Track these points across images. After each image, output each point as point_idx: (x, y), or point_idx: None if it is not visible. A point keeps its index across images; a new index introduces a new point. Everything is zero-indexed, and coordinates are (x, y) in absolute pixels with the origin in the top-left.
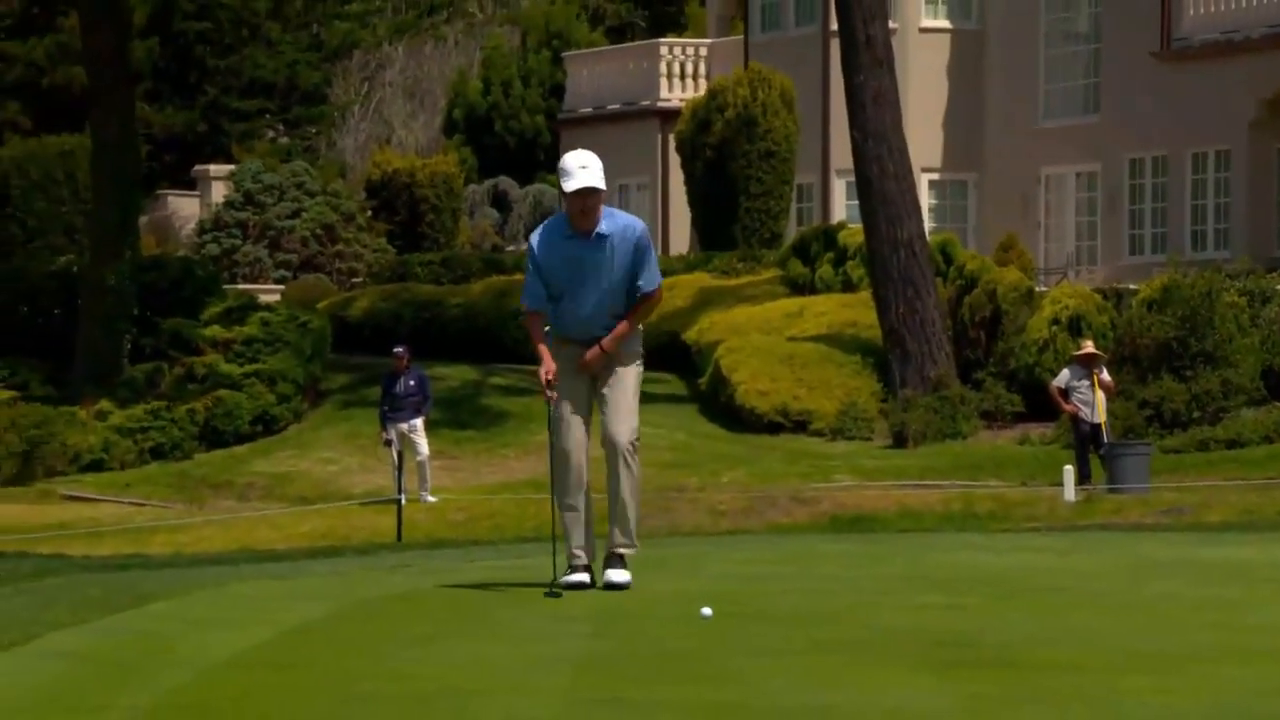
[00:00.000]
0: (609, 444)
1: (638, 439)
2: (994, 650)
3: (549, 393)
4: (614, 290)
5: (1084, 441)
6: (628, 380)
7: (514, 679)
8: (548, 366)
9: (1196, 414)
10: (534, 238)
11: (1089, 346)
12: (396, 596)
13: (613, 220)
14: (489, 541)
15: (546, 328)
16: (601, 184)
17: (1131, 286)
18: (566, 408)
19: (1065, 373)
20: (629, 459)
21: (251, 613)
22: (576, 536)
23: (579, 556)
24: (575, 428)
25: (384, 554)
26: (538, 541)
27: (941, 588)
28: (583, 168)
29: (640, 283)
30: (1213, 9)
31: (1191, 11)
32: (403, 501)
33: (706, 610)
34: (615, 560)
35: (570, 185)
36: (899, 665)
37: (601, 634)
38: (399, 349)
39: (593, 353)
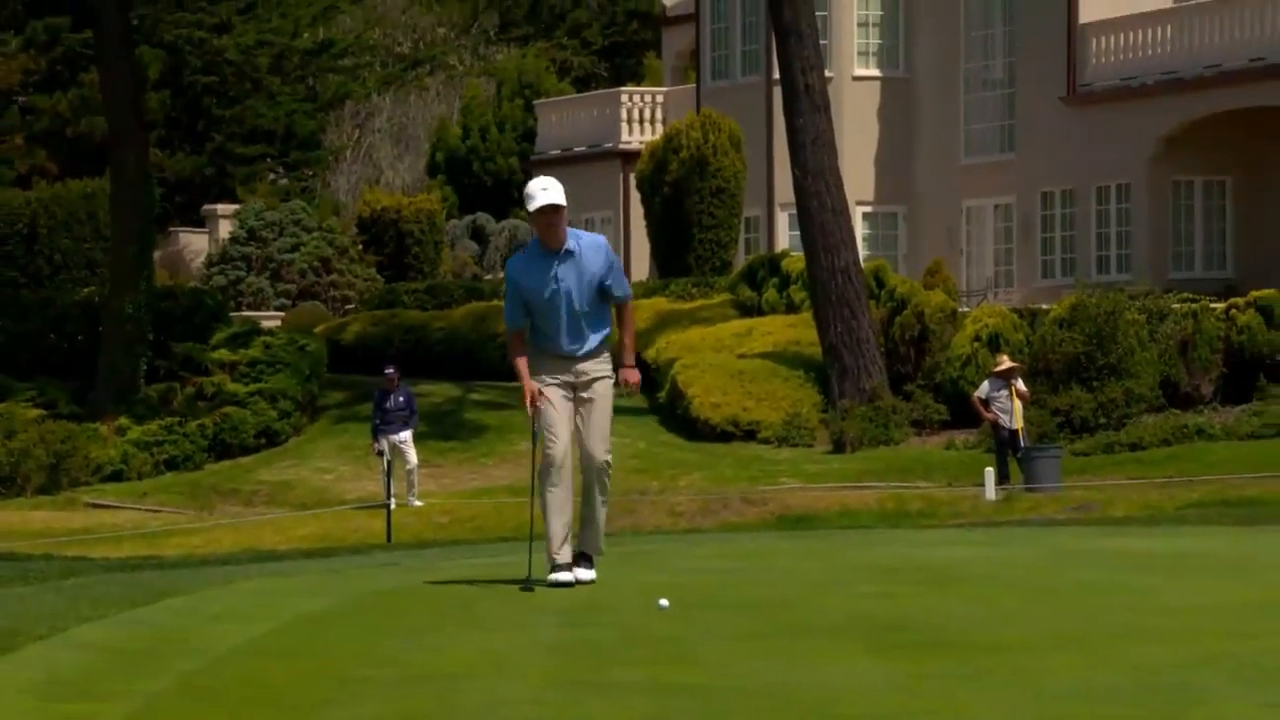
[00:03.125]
0: (588, 460)
1: (610, 456)
2: (929, 632)
3: (535, 407)
4: (587, 301)
5: (1003, 446)
6: (606, 401)
7: (496, 663)
8: (531, 388)
9: (1103, 420)
10: (511, 262)
11: (1006, 361)
12: (387, 591)
13: (578, 238)
14: (470, 542)
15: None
16: (562, 201)
17: (1044, 307)
18: (552, 415)
19: (985, 384)
20: (604, 476)
21: (256, 607)
22: (556, 537)
23: (560, 556)
24: (562, 431)
25: (375, 553)
26: (515, 541)
27: (880, 578)
28: (544, 189)
29: (615, 292)
30: (1113, 58)
31: (1094, 60)
32: (392, 506)
33: (663, 601)
34: (584, 560)
35: (534, 205)
36: (845, 648)
37: (575, 623)
38: (389, 369)
39: (634, 375)
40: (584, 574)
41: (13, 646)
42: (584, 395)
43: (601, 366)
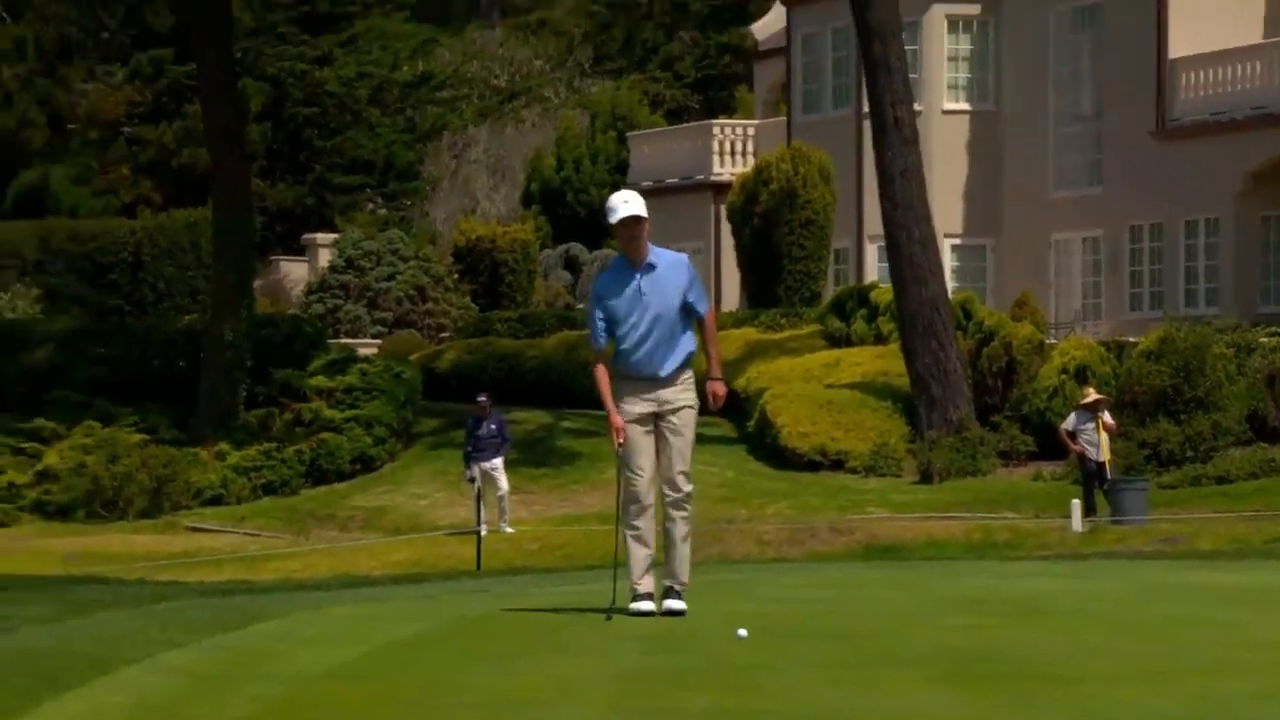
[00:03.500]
0: (670, 489)
1: (692, 487)
2: (1008, 664)
3: (619, 441)
4: (670, 317)
5: (1090, 478)
6: (689, 431)
7: (570, 691)
8: (617, 424)
9: (1190, 453)
10: (596, 281)
11: (1092, 394)
12: (474, 618)
13: (660, 255)
14: (559, 569)
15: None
16: (644, 212)
17: (1131, 339)
18: (635, 448)
19: (1073, 417)
20: (686, 504)
21: (344, 632)
22: (638, 566)
23: (641, 586)
24: (645, 461)
25: (464, 580)
26: (602, 569)
27: (966, 609)
28: (625, 202)
29: (697, 306)
30: (1202, 92)
31: (1183, 95)
32: (483, 532)
33: (742, 631)
34: (673, 593)
35: (615, 217)
36: (921, 677)
37: (654, 650)
38: (481, 397)
39: (720, 387)
40: (674, 604)
41: (104, 670)
42: (667, 426)
43: (685, 394)
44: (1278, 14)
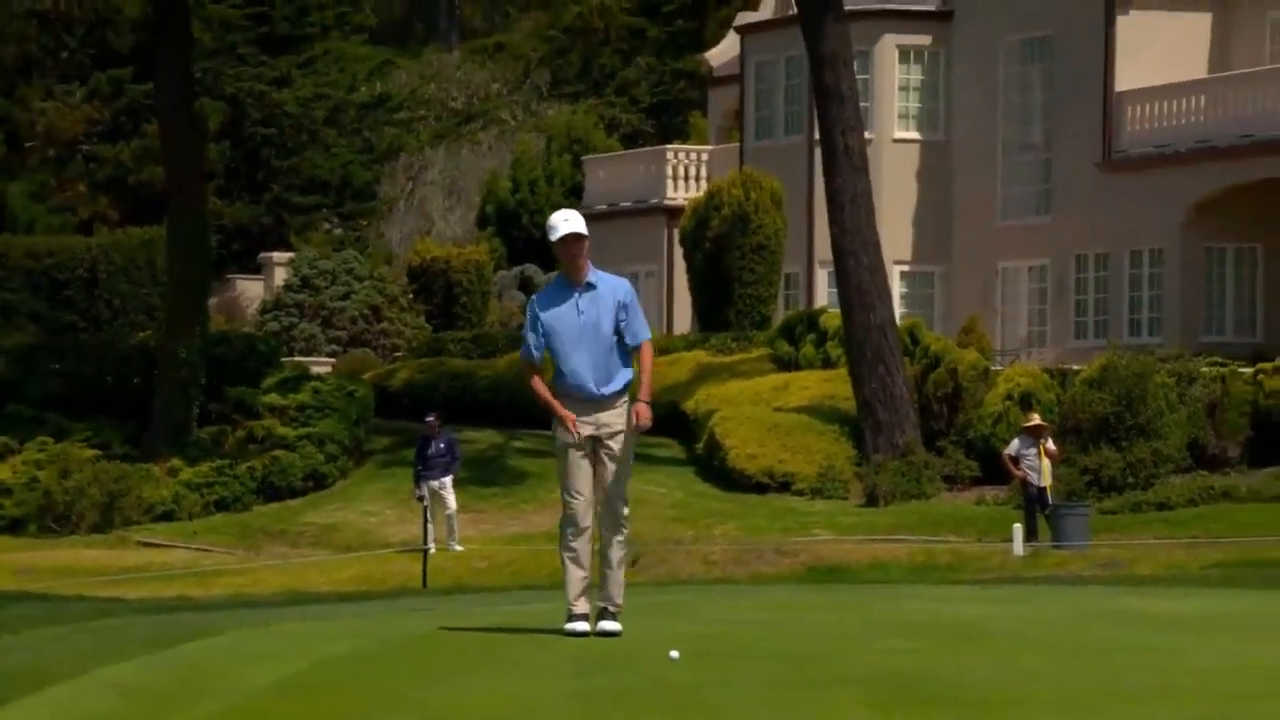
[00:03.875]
0: (609, 514)
1: (628, 510)
2: (947, 688)
3: (575, 432)
4: (607, 337)
5: (1031, 502)
6: (626, 456)
7: (511, 710)
8: (569, 416)
9: (1130, 480)
10: (534, 297)
11: (1035, 419)
12: (414, 636)
13: (601, 276)
14: (505, 588)
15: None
16: (584, 230)
17: (1075, 367)
18: (574, 472)
19: (1016, 442)
20: (623, 528)
21: (284, 649)
22: (574, 587)
23: (577, 607)
24: (583, 485)
25: (407, 598)
26: (545, 590)
27: (907, 633)
28: (565, 220)
29: (635, 332)
30: (1148, 125)
31: (1129, 128)
32: (432, 550)
33: (674, 653)
34: (608, 614)
35: (556, 235)
36: (861, 701)
37: (595, 671)
38: (430, 417)
39: (645, 410)
40: (609, 625)
41: (38, 686)
42: (605, 451)
43: (622, 419)
44: (1222, 49)
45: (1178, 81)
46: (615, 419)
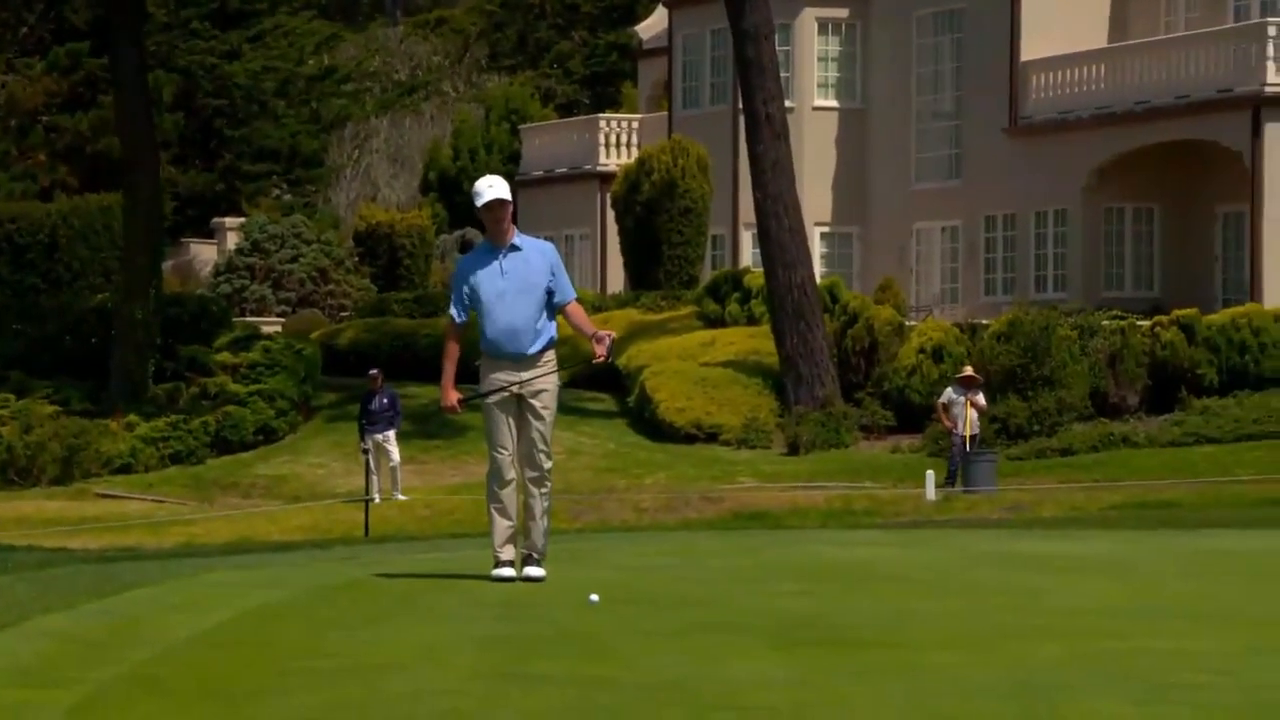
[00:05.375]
0: (530, 467)
1: (551, 464)
2: (833, 630)
3: (454, 412)
4: (531, 297)
5: (955, 450)
6: (550, 412)
7: (427, 655)
8: (447, 405)
9: (1036, 427)
10: (460, 260)
11: (968, 370)
12: (338, 585)
13: (526, 240)
14: (443, 536)
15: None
16: (508, 196)
17: (985, 322)
18: (498, 427)
19: (949, 390)
20: (546, 481)
21: (213, 599)
22: (500, 535)
23: (502, 554)
24: (507, 441)
25: (344, 546)
26: (471, 538)
27: (800, 576)
28: (490, 186)
29: (560, 293)
30: (1051, 94)
31: (1034, 96)
32: (376, 500)
33: (594, 596)
34: (531, 560)
35: (481, 200)
36: (751, 643)
37: (509, 617)
38: (373, 371)
39: (609, 335)
40: (533, 570)
41: None
42: (528, 408)
43: (548, 379)
44: (1121, 19)
45: (1079, 51)
46: (539, 377)
